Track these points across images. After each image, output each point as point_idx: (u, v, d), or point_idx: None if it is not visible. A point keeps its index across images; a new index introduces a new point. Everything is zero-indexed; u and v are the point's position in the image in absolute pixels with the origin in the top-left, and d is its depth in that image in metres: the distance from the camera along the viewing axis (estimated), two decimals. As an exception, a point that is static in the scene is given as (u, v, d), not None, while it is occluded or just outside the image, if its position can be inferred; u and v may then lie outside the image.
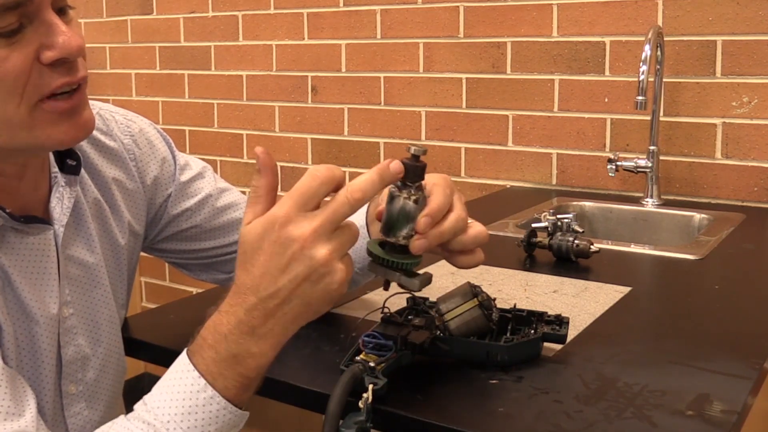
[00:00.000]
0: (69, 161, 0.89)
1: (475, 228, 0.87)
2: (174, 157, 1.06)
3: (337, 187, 0.73)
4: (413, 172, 0.81)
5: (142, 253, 1.08)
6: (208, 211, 1.07)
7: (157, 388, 0.75)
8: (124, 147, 1.00)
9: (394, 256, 0.82)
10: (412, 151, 0.81)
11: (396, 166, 0.75)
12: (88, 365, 0.92)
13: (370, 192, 0.73)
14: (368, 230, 1.03)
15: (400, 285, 0.84)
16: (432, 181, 0.84)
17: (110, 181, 0.97)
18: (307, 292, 0.72)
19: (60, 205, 0.88)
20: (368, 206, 1.04)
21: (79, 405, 0.91)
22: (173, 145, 1.08)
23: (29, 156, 0.84)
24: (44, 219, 0.87)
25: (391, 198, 0.82)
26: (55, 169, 0.89)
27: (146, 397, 0.75)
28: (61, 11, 0.78)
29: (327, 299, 0.73)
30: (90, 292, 0.93)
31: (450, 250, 0.87)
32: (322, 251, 0.71)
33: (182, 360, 0.75)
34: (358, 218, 1.03)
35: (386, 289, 0.87)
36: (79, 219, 0.92)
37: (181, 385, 0.74)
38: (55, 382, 0.87)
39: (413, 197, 0.81)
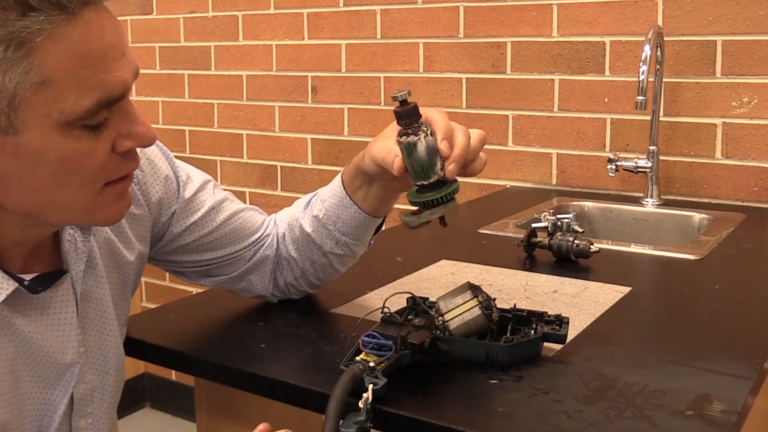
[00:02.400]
0: None
1: (475, 133, 0.93)
2: (176, 173, 1.05)
3: None
4: (411, 113, 0.86)
5: None
6: (210, 225, 1.08)
7: None
8: None
9: (442, 192, 0.87)
10: (398, 98, 0.85)
11: None
12: (97, 399, 0.92)
13: None
14: (349, 196, 1.06)
15: (445, 215, 0.89)
16: (426, 113, 0.90)
17: None
18: None
19: (74, 251, 0.87)
20: (341, 175, 1.08)
21: None
22: (173, 158, 1.06)
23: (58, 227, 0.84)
24: (60, 269, 0.86)
25: (410, 146, 0.87)
26: None
27: None
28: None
29: None
30: (100, 328, 0.93)
31: (465, 164, 0.92)
32: None
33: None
34: (336, 192, 1.07)
35: (445, 225, 0.91)
36: (91, 260, 0.91)
37: None
38: (66, 418, 0.88)
39: (427, 132, 0.87)
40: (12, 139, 0.71)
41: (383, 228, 1.15)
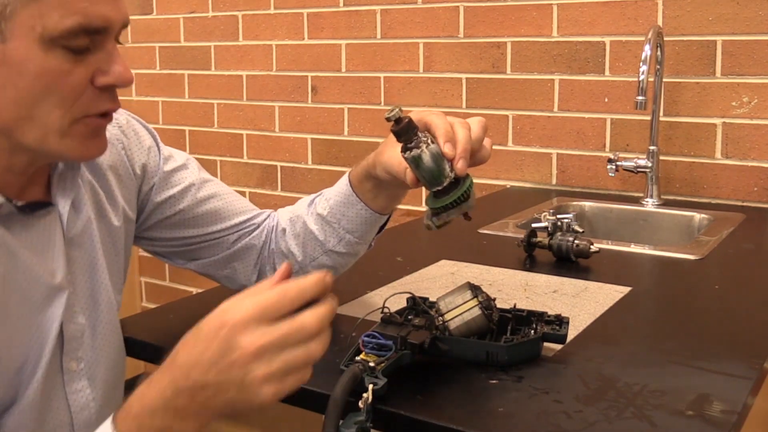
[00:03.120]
0: None
1: (475, 121, 0.96)
2: (159, 147, 1.10)
3: (314, 298, 0.73)
4: (407, 129, 0.89)
5: (142, 253, 1.10)
6: (191, 199, 1.11)
7: None
8: (114, 136, 1.04)
9: (458, 192, 0.90)
10: (391, 118, 0.89)
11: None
12: (87, 344, 0.94)
13: (312, 364, 0.74)
14: (356, 195, 1.08)
15: (468, 211, 0.93)
16: (417, 118, 0.92)
17: (106, 168, 1.01)
18: (232, 396, 0.72)
19: (63, 187, 0.92)
20: (348, 176, 1.10)
21: (80, 383, 0.93)
22: (157, 136, 1.11)
23: (39, 158, 0.87)
24: (48, 201, 0.90)
25: (416, 159, 0.89)
26: None
27: None
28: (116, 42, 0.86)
29: (249, 406, 0.73)
30: (89, 274, 0.96)
31: (472, 155, 0.94)
32: (258, 370, 0.71)
33: (106, 425, 0.76)
34: (343, 190, 1.10)
35: (469, 219, 0.95)
36: (78, 203, 0.95)
37: None
38: (56, 356, 0.90)
39: (428, 141, 0.90)
40: (0, 47, 0.77)
41: (386, 227, 1.16)
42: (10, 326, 0.85)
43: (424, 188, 0.94)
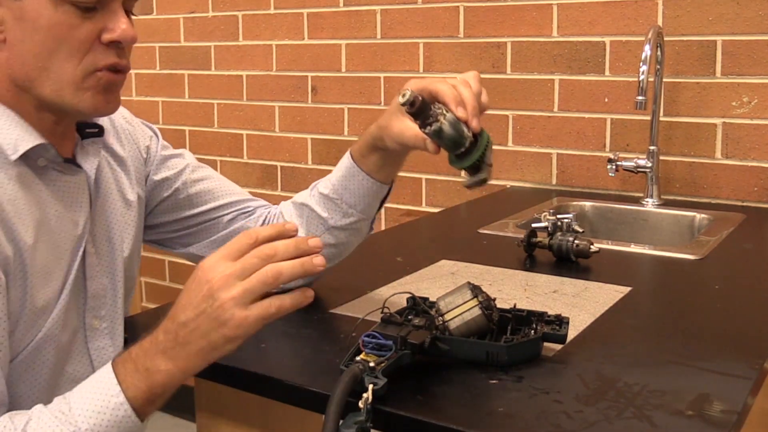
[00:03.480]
0: (88, 131, 1.03)
1: (470, 76, 1.02)
2: (158, 136, 1.20)
3: (271, 235, 0.83)
4: (422, 108, 0.94)
5: (142, 253, 1.14)
6: (185, 179, 1.19)
7: (79, 386, 0.84)
8: (121, 126, 1.13)
9: (481, 147, 0.98)
10: (406, 102, 0.93)
11: (319, 260, 0.82)
12: (108, 304, 1.03)
13: (286, 278, 0.80)
14: (358, 166, 1.12)
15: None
16: (420, 87, 0.98)
17: (119, 149, 1.10)
18: (205, 328, 0.80)
19: (85, 154, 1.01)
20: (350, 153, 1.14)
21: (103, 340, 1.02)
22: (158, 131, 1.21)
23: (61, 114, 0.95)
24: (80, 165, 0.99)
25: (437, 132, 0.95)
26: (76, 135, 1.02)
27: (68, 393, 0.84)
28: (127, 12, 0.95)
29: (224, 338, 0.80)
30: (108, 242, 1.04)
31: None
32: (224, 295, 0.79)
33: (107, 367, 0.84)
34: (345, 164, 1.14)
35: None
36: (99, 176, 1.04)
37: (99, 386, 0.83)
38: (80, 312, 0.99)
39: (443, 112, 0.95)
40: (18, 4, 0.88)
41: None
42: (41, 268, 0.92)
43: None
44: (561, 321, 0.99)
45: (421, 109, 0.94)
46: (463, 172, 1.01)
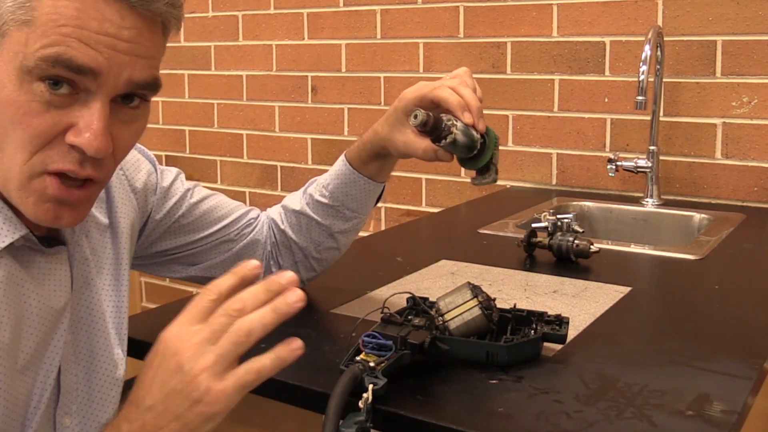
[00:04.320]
0: None
1: (462, 72, 1.02)
2: (155, 167, 1.08)
3: (233, 286, 0.72)
4: (435, 126, 0.96)
5: None
6: (187, 203, 1.12)
7: None
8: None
9: (491, 146, 1.01)
10: (419, 123, 0.95)
11: (294, 297, 0.71)
12: (81, 399, 0.90)
13: (259, 332, 0.69)
14: (359, 173, 1.12)
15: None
16: (420, 96, 1.00)
17: (108, 211, 0.97)
18: (176, 408, 0.69)
19: (71, 234, 0.87)
20: (345, 158, 1.14)
21: None
22: (154, 158, 1.09)
23: None
24: (61, 240, 0.85)
25: (452, 144, 0.98)
26: None
27: None
28: (128, 98, 0.79)
29: (201, 416, 0.69)
30: (89, 328, 0.91)
31: None
32: (195, 367, 0.68)
33: None
34: (342, 171, 1.13)
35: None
36: (82, 250, 0.91)
37: None
38: (50, 409, 0.86)
39: (454, 122, 0.97)
40: None
41: (386, 227, 1.18)
42: (19, 365, 0.80)
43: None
44: (561, 321, 0.99)
45: (434, 127, 0.96)
46: (475, 179, 1.04)
